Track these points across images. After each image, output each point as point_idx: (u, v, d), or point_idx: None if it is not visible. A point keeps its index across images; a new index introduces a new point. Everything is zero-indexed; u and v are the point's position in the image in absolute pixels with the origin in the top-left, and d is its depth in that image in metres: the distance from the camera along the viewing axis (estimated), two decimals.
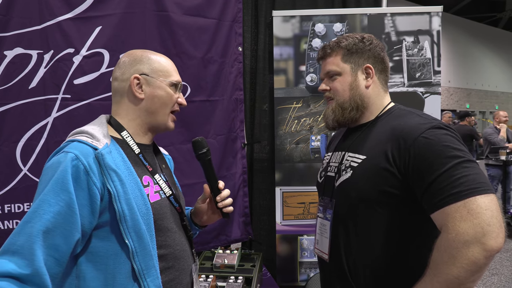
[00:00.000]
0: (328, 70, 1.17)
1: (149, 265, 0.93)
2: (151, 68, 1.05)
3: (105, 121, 1.04)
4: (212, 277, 1.76)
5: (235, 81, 2.24)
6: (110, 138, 0.98)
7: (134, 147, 1.03)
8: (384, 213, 1.02)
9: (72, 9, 1.74)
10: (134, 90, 1.03)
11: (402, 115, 1.09)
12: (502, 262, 4.13)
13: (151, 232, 0.94)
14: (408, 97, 2.23)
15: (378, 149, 1.04)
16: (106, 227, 0.91)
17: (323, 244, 1.17)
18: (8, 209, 1.69)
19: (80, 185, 0.87)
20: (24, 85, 1.68)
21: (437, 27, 2.25)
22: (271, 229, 2.38)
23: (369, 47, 1.15)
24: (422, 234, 1.01)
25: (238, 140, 2.28)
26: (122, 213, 0.90)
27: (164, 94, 1.06)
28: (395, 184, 0.99)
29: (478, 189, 0.84)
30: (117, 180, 0.91)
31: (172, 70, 1.09)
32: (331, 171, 1.20)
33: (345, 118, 1.15)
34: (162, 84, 1.05)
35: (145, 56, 1.07)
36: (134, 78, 1.03)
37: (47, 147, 1.72)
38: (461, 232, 0.82)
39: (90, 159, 0.89)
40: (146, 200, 0.95)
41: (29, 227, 0.82)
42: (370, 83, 1.15)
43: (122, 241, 0.91)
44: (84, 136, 0.95)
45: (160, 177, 1.07)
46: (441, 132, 0.95)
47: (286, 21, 2.28)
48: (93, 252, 0.91)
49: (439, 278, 0.84)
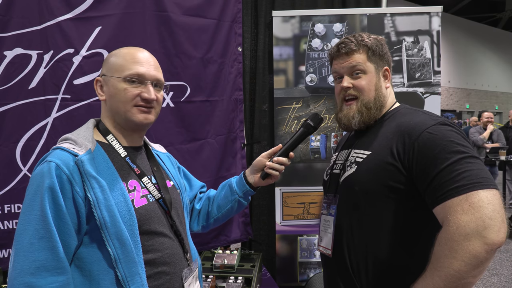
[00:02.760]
0: (355, 65, 1.14)
1: (133, 272, 0.91)
2: (108, 67, 1.04)
3: (91, 125, 1.04)
4: (211, 277, 1.76)
5: (235, 81, 2.24)
6: (95, 143, 0.98)
7: (120, 150, 1.03)
8: (387, 208, 1.02)
9: (72, 9, 1.74)
10: (97, 92, 1.05)
11: (408, 113, 1.11)
12: (502, 262, 4.12)
13: (135, 238, 0.93)
14: (408, 97, 2.23)
15: (383, 144, 1.05)
16: (90, 233, 0.91)
17: (326, 240, 1.17)
18: (8, 209, 1.69)
19: (67, 194, 0.88)
20: (24, 86, 1.68)
21: (437, 27, 2.25)
22: (270, 229, 2.38)
23: (385, 51, 1.18)
24: (425, 229, 1.01)
25: (238, 140, 2.28)
26: (102, 220, 0.89)
27: (116, 91, 1.01)
28: (399, 179, 0.99)
29: (481, 183, 0.84)
30: (98, 187, 0.90)
31: (131, 64, 1.01)
32: (337, 168, 1.21)
33: (370, 118, 1.15)
34: (114, 81, 1.02)
35: (112, 54, 1.06)
36: (96, 81, 1.06)
37: (47, 148, 1.72)
38: (462, 225, 0.82)
39: (70, 167, 0.90)
40: (130, 206, 0.94)
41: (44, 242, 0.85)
42: (388, 86, 1.18)
43: (104, 248, 0.90)
44: (67, 143, 0.95)
45: (148, 180, 1.05)
46: (446, 128, 0.96)
47: (285, 21, 2.28)
48: (80, 257, 0.91)
49: (439, 272, 0.84)
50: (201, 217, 1.32)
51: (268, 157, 1.25)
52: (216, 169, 2.16)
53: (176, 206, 1.11)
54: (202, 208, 1.32)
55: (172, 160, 1.29)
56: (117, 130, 1.06)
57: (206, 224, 1.32)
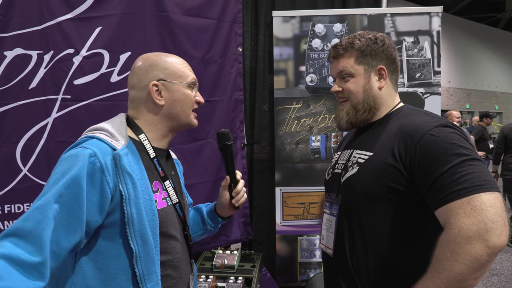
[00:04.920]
0: (341, 70, 1.17)
1: (151, 271, 0.92)
2: (167, 73, 1.04)
3: (124, 120, 1.03)
4: (212, 277, 1.76)
5: (235, 81, 2.24)
6: (128, 139, 0.97)
7: (150, 151, 1.03)
8: (388, 209, 1.02)
9: (72, 10, 1.74)
10: (154, 97, 1.03)
11: (411, 113, 1.10)
12: (502, 262, 4.12)
13: (156, 238, 0.94)
14: (408, 97, 2.23)
15: (385, 145, 1.05)
16: (112, 228, 0.91)
17: (328, 239, 1.18)
18: (8, 209, 1.69)
19: (94, 182, 0.87)
20: (24, 86, 1.68)
21: (437, 27, 2.25)
22: (271, 229, 2.38)
23: (382, 48, 1.16)
24: (425, 232, 1.01)
25: (238, 140, 2.28)
26: (130, 216, 0.90)
27: (183, 97, 1.06)
28: (400, 181, 0.99)
29: (483, 186, 0.84)
30: (130, 183, 0.91)
31: (187, 70, 1.08)
32: (339, 168, 1.21)
33: (358, 119, 1.16)
34: (180, 87, 1.05)
35: (160, 60, 1.06)
36: (153, 85, 1.03)
37: (47, 148, 1.72)
38: (464, 228, 0.82)
39: (107, 159, 0.89)
40: (154, 206, 0.95)
41: (38, 213, 0.81)
42: (383, 85, 1.16)
43: (127, 243, 0.91)
44: (103, 134, 0.94)
45: (169, 183, 1.06)
46: (448, 130, 0.96)
47: (286, 21, 2.28)
48: (96, 251, 0.91)
49: (441, 274, 0.84)
50: None
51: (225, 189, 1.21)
52: (216, 169, 2.16)
53: (186, 213, 1.13)
54: None
55: (180, 167, 1.30)
56: (154, 132, 1.06)
57: None
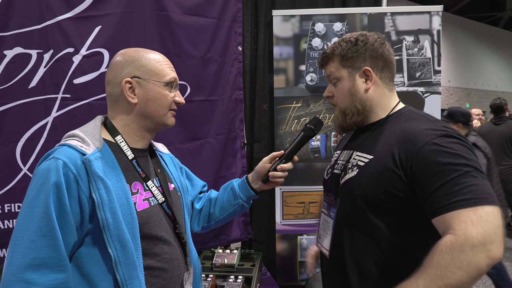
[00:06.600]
0: (329, 74, 1.18)
1: (133, 276, 0.90)
2: (143, 70, 1.01)
3: (99, 123, 1.02)
4: (212, 276, 1.76)
5: (235, 80, 2.24)
6: (103, 142, 0.96)
7: (127, 152, 1.01)
8: (385, 214, 1.02)
9: (72, 9, 1.74)
10: (127, 95, 0.99)
11: (413, 118, 1.08)
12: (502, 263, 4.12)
13: (136, 241, 0.92)
14: (408, 96, 2.23)
15: (386, 149, 1.04)
16: (91, 234, 0.90)
17: (325, 240, 1.17)
18: (8, 208, 1.69)
19: (72, 194, 0.87)
20: (23, 85, 1.68)
21: (437, 26, 2.25)
22: (271, 228, 2.39)
23: (364, 49, 1.13)
24: (422, 236, 1.01)
25: (238, 139, 2.28)
26: (105, 222, 0.88)
27: (159, 96, 1.02)
28: (400, 187, 0.98)
29: (487, 199, 0.85)
30: (103, 188, 0.89)
31: (166, 68, 1.04)
32: (338, 168, 1.21)
33: (347, 123, 1.16)
34: (155, 86, 1.01)
35: (137, 56, 1.02)
36: (126, 82, 0.99)
37: (47, 147, 1.72)
38: (471, 236, 0.82)
39: (77, 166, 0.88)
40: (132, 209, 0.93)
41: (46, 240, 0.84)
42: (369, 86, 1.13)
43: (105, 249, 0.89)
44: (74, 140, 0.93)
45: (153, 183, 1.04)
46: (452, 141, 0.95)
47: (286, 20, 2.28)
48: (79, 257, 0.90)
49: (439, 281, 0.83)
50: (202, 218, 1.32)
51: (270, 161, 1.23)
52: (216, 169, 2.16)
53: (176, 210, 1.11)
54: (203, 209, 1.32)
55: (174, 160, 1.28)
56: (130, 133, 1.04)
57: (206, 225, 1.32)
